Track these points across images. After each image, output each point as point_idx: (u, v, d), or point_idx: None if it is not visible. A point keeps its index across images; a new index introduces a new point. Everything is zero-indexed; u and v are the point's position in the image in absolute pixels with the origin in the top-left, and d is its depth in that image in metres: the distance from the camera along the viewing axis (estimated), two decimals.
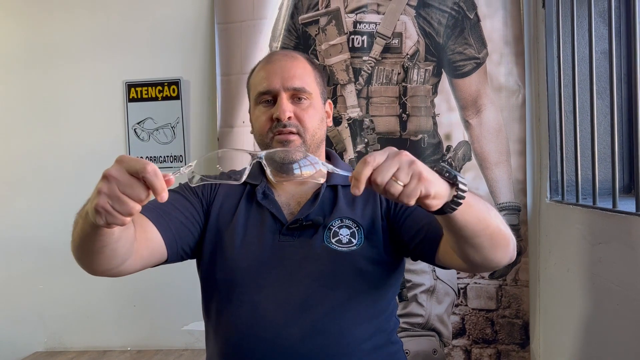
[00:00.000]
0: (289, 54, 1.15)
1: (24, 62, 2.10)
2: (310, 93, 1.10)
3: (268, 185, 1.14)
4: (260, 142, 1.12)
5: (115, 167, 0.74)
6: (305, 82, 1.09)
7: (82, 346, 2.06)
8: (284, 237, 1.06)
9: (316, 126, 1.10)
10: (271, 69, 1.10)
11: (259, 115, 1.10)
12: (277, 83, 1.07)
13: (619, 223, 1.21)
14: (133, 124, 2.04)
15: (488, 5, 1.84)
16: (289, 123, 1.07)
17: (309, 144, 1.09)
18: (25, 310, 2.09)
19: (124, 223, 0.74)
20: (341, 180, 1.12)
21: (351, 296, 1.03)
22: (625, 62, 1.61)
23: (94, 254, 0.92)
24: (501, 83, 1.84)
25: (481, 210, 0.83)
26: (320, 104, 1.13)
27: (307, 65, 1.13)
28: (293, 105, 1.08)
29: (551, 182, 1.73)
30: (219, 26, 1.95)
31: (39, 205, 2.10)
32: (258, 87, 1.10)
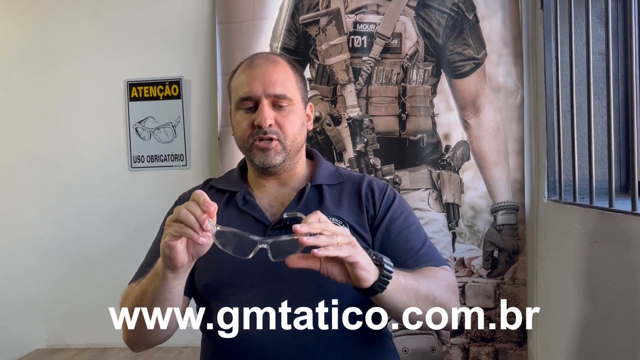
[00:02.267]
0: (270, 58, 1.14)
1: (25, 61, 2.11)
2: (292, 99, 1.10)
3: (248, 190, 1.15)
4: (241, 147, 1.14)
5: None
6: (286, 88, 1.10)
7: (83, 343, 2.07)
8: (269, 238, 1.07)
9: (296, 132, 1.11)
10: (252, 74, 1.10)
11: (240, 120, 1.11)
12: (259, 89, 1.08)
13: (615, 222, 1.22)
14: (134, 122, 2.05)
15: (487, 6, 1.85)
16: (270, 130, 1.08)
17: (289, 150, 1.10)
18: (26, 307, 2.10)
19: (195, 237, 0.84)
20: (325, 180, 1.15)
21: (340, 291, 1.04)
22: (623, 64, 1.63)
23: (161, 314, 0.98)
24: (500, 83, 1.85)
25: (409, 298, 0.95)
26: (301, 109, 1.14)
27: (289, 70, 1.13)
28: (274, 111, 1.09)
29: (549, 181, 1.75)
30: (220, 26, 1.96)
31: (41, 203, 2.11)
32: (239, 92, 1.10)
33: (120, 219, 2.06)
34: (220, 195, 1.17)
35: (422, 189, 1.89)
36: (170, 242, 0.87)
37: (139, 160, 2.05)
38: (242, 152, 1.16)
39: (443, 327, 1.04)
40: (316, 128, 1.91)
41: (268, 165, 1.09)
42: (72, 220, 2.09)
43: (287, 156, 1.10)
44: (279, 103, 1.09)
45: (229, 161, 1.94)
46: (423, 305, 0.97)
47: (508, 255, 1.86)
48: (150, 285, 0.95)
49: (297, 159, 1.15)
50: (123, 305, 1.07)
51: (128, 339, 1.07)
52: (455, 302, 1.06)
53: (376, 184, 1.17)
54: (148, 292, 0.96)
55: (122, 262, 2.06)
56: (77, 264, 2.08)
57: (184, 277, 0.95)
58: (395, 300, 0.92)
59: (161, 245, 0.88)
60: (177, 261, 0.88)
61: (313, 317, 1.03)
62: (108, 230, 2.07)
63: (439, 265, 1.09)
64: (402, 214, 1.14)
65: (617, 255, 1.21)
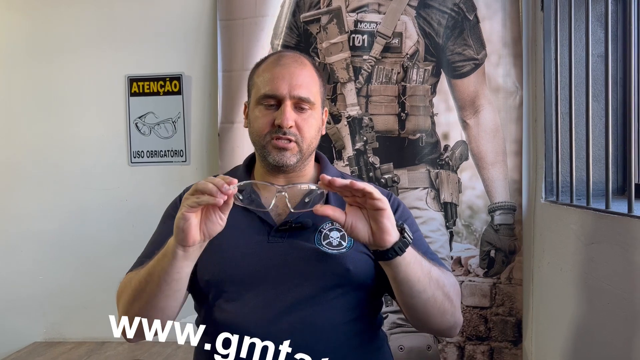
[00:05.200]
0: (298, 59, 1.14)
1: (26, 56, 2.11)
2: (314, 103, 1.11)
3: (254, 189, 1.13)
4: (255, 142, 1.14)
5: None
6: (310, 91, 1.10)
7: (81, 337, 2.08)
8: (273, 239, 1.08)
9: (313, 136, 1.12)
10: (279, 73, 1.09)
11: (259, 116, 1.10)
12: (284, 89, 1.07)
13: (612, 224, 1.23)
14: (134, 118, 2.06)
15: (487, 7, 1.86)
16: (289, 131, 1.08)
17: (304, 152, 1.11)
18: (24, 300, 2.11)
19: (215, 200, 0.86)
20: None
21: (340, 295, 1.05)
22: (621, 66, 1.63)
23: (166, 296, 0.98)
24: (499, 84, 1.86)
25: (423, 275, 0.96)
26: (320, 114, 1.15)
27: (314, 73, 1.14)
28: (295, 113, 1.09)
29: (546, 182, 1.76)
30: (221, 23, 1.96)
31: (40, 197, 2.11)
32: (263, 89, 1.09)
33: (120, 213, 2.07)
34: None
35: (420, 188, 1.90)
36: (186, 213, 0.88)
37: (139, 156, 2.06)
38: (254, 147, 1.16)
39: (445, 326, 1.04)
40: None
41: (282, 164, 1.09)
42: (71, 215, 2.09)
43: (301, 158, 1.11)
44: (301, 105, 1.09)
45: (229, 157, 1.95)
46: (434, 288, 0.98)
47: (505, 255, 1.87)
48: (159, 266, 0.95)
49: (308, 161, 1.17)
50: (123, 291, 1.06)
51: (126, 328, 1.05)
52: (459, 305, 1.06)
53: (380, 191, 1.16)
54: (155, 274, 0.96)
55: (120, 256, 2.06)
56: (76, 258, 2.09)
57: (193, 259, 0.95)
58: (410, 272, 0.93)
59: (176, 217, 0.89)
60: (189, 236, 0.89)
61: (312, 318, 1.03)
62: (107, 224, 2.08)
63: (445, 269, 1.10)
64: (407, 220, 1.15)
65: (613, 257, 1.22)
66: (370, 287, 1.09)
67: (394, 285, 0.98)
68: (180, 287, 0.98)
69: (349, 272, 1.05)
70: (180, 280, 0.96)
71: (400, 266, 0.92)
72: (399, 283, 0.96)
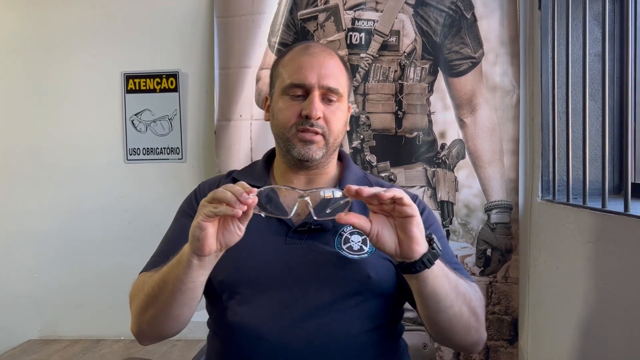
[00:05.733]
0: (327, 50, 1.09)
1: (22, 52, 2.10)
2: (342, 95, 1.06)
3: (272, 188, 1.09)
4: (279, 134, 1.07)
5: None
6: (339, 83, 1.05)
7: (76, 335, 2.07)
8: (291, 240, 1.02)
9: (339, 130, 1.07)
10: (308, 62, 1.04)
11: (284, 107, 1.05)
12: (313, 78, 1.02)
13: (608, 223, 1.23)
14: (131, 115, 2.05)
15: (485, 5, 1.86)
16: (317, 123, 1.02)
17: (330, 147, 1.06)
18: (19, 298, 2.10)
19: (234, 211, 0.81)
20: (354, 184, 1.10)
21: (359, 302, 1.00)
22: (618, 65, 1.64)
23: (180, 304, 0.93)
24: (496, 83, 1.86)
25: (450, 289, 0.90)
26: (346, 107, 1.10)
27: (342, 65, 1.09)
28: (323, 104, 1.03)
29: (543, 181, 1.76)
30: (218, 20, 1.96)
31: (35, 195, 2.10)
32: (291, 78, 1.04)
33: (115, 211, 2.06)
34: None
35: (417, 187, 1.89)
36: (203, 223, 0.83)
37: (135, 153, 2.05)
38: (276, 141, 1.10)
39: (469, 342, 0.99)
40: None
41: (307, 158, 1.04)
42: (66, 212, 2.08)
43: (326, 153, 1.06)
44: (329, 97, 1.04)
45: (225, 155, 1.95)
46: (460, 303, 0.92)
47: (501, 253, 1.87)
48: (172, 273, 0.90)
49: (332, 157, 1.11)
50: (136, 294, 1.01)
51: (138, 330, 1.01)
52: (483, 321, 1.00)
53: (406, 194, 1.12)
54: (169, 281, 0.91)
55: (116, 254, 2.07)
56: (71, 255, 2.08)
57: (209, 268, 0.90)
58: (437, 286, 0.87)
59: (192, 226, 0.84)
60: (205, 246, 0.84)
61: (330, 325, 0.97)
62: (103, 222, 2.07)
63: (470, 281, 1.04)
64: (432, 226, 1.09)
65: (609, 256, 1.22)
66: (391, 296, 1.04)
67: (418, 299, 0.91)
68: (195, 296, 0.93)
69: (369, 279, 0.99)
70: (195, 289, 0.91)
71: (428, 280, 0.86)
72: (424, 297, 0.89)
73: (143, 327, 0.99)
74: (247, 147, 1.94)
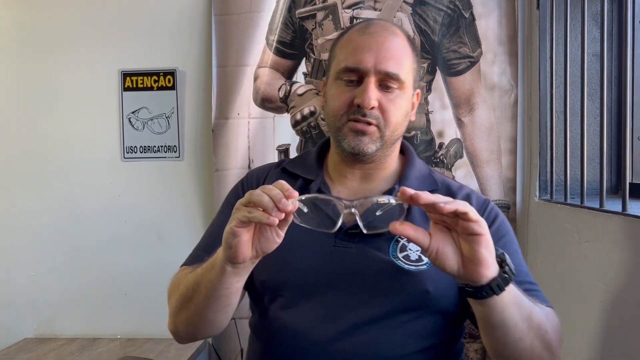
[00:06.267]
0: (389, 28, 0.95)
1: (18, 49, 2.09)
2: (403, 82, 0.93)
3: (325, 181, 1.00)
4: (330, 123, 0.98)
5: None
6: (401, 67, 0.92)
7: (72, 333, 2.07)
8: (340, 242, 0.92)
9: (399, 120, 0.95)
10: (365, 43, 0.92)
11: (336, 93, 0.94)
12: (369, 62, 0.90)
13: (606, 222, 1.24)
14: (128, 113, 2.04)
15: (483, 4, 1.86)
16: (370, 113, 0.91)
17: (386, 139, 0.94)
18: (15, 296, 2.09)
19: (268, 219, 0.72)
20: (416, 184, 0.98)
21: (414, 319, 0.89)
22: (616, 65, 1.64)
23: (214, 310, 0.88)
24: (494, 82, 1.86)
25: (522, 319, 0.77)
26: (410, 95, 0.97)
27: (407, 46, 0.95)
28: (380, 92, 0.92)
29: (540, 181, 1.76)
30: (216, 17, 1.95)
31: (32, 193, 2.09)
32: (345, 61, 0.93)
33: (112, 209, 2.05)
34: (292, 181, 1.00)
35: None
36: (236, 229, 0.74)
37: (132, 151, 2.04)
38: (329, 130, 1.00)
39: None
40: (310, 123, 1.91)
41: (358, 151, 0.93)
42: (63, 210, 2.07)
43: (382, 146, 0.95)
44: (388, 83, 0.92)
45: (223, 153, 1.94)
46: (533, 336, 0.79)
47: None
48: (206, 277, 0.84)
49: (391, 151, 0.99)
50: (173, 292, 0.95)
51: (174, 329, 0.96)
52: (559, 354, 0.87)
53: (476, 198, 0.99)
54: (203, 285, 0.85)
55: (113, 252, 2.06)
56: (68, 253, 2.07)
57: (245, 274, 0.82)
58: (506, 316, 0.75)
59: (225, 231, 0.76)
60: (239, 253, 0.76)
61: (378, 342, 0.88)
62: (99, 220, 2.06)
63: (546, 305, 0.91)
64: (504, 237, 0.96)
65: (607, 255, 1.22)
66: (452, 313, 0.92)
67: (482, 327, 0.80)
68: (231, 302, 0.87)
69: (427, 295, 0.88)
70: (229, 295, 0.84)
71: (495, 308, 0.74)
72: (490, 327, 0.78)
73: (178, 328, 0.95)
74: (244, 146, 1.94)
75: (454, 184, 1.03)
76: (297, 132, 1.92)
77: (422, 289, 0.88)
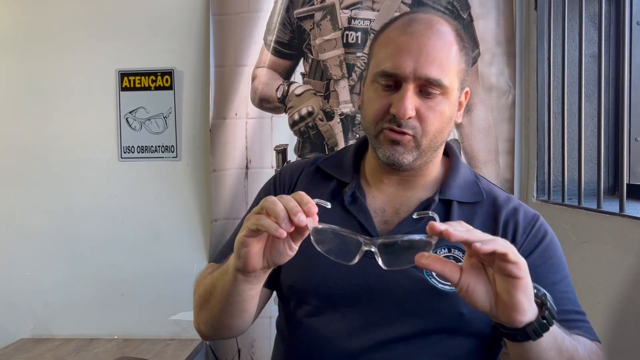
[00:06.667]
0: (434, 26, 0.85)
1: (15, 49, 2.08)
2: (447, 87, 0.83)
3: (360, 185, 0.93)
4: (366, 129, 0.90)
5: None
6: (444, 71, 0.83)
7: (69, 334, 2.06)
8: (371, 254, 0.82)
9: (440, 128, 0.85)
10: (405, 45, 0.83)
11: (373, 97, 0.87)
12: (408, 66, 0.81)
13: (603, 223, 1.24)
14: (125, 113, 2.03)
15: (481, 5, 1.86)
16: (406, 124, 0.83)
17: (423, 149, 0.86)
18: (12, 296, 2.08)
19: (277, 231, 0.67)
20: (459, 194, 0.91)
21: (445, 340, 0.84)
22: (614, 66, 1.64)
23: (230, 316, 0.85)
24: (492, 83, 1.86)
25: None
26: (456, 98, 0.88)
27: (454, 45, 0.85)
28: (419, 99, 0.83)
29: (538, 182, 1.76)
30: (214, 17, 1.95)
31: (28, 193, 2.09)
32: (383, 64, 0.84)
33: (109, 209, 2.04)
34: (326, 182, 0.95)
35: None
36: (246, 239, 0.70)
37: (129, 151, 2.04)
38: (367, 134, 0.92)
39: None
40: (308, 123, 1.91)
41: (393, 161, 0.86)
42: (60, 210, 2.07)
43: (419, 156, 0.86)
44: (429, 89, 0.83)
45: (220, 154, 1.94)
46: None
47: None
48: (220, 282, 0.81)
49: (432, 157, 0.90)
50: (196, 290, 0.92)
51: (197, 327, 0.94)
52: None
53: (523, 213, 0.91)
54: (217, 289, 0.82)
55: (110, 252, 2.05)
56: (64, 253, 2.07)
57: (258, 283, 0.78)
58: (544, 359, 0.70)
59: (236, 239, 0.73)
60: (248, 264, 0.72)
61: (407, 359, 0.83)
62: (96, 220, 2.05)
63: (592, 339, 0.84)
64: (550, 260, 0.88)
65: (604, 256, 1.22)
66: (486, 335, 0.86)
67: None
68: (246, 308, 0.83)
69: (461, 317, 0.82)
70: (243, 302, 0.81)
71: (531, 351, 0.69)
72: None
73: (200, 327, 0.93)
74: (242, 146, 1.93)
75: (501, 195, 0.93)
76: (295, 133, 1.92)
77: (456, 310, 0.82)
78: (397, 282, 0.83)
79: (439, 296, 0.82)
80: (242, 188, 1.94)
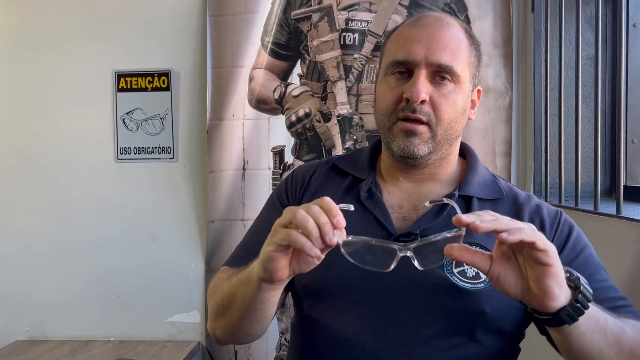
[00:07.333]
0: (443, 20, 0.86)
1: (12, 49, 2.07)
2: (459, 75, 0.83)
3: (376, 181, 0.92)
4: (379, 124, 0.89)
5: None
6: (455, 59, 0.83)
7: (65, 336, 2.05)
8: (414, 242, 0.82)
9: (454, 118, 0.85)
10: (416, 35, 0.84)
11: (385, 90, 0.86)
12: (420, 53, 0.82)
13: (600, 225, 1.24)
14: (122, 114, 2.03)
15: (478, 7, 1.86)
16: (421, 109, 0.82)
17: (439, 140, 0.85)
18: (7, 298, 2.07)
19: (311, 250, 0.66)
20: (478, 191, 0.89)
21: (466, 341, 0.82)
22: (610, 69, 1.65)
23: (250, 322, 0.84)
24: (489, 85, 1.86)
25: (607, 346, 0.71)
26: (468, 91, 0.87)
27: (464, 37, 0.86)
28: (432, 85, 0.83)
29: (535, 183, 1.76)
30: (211, 18, 1.94)
31: (24, 193, 2.08)
32: (394, 54, 0.85)
33: (105, 211, 2.04)
34: (341, 179, 0.95)
35: None
36: (275, 254, 0.69)
37: (126, 152, 2.03)
38: (380, 132, 0.91)
39: None
40: (305, 124, 1.91)
41: (408, 154, 0.84)
42: (56, 211, 2.06)
43: (435, 148, 0.85)
44: (442, 75, 0.83)
45: (217, 155, 1.93)
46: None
47: None
48: (242, 290, 0.80)
49: (447, 152, 0.89)
50: (211, 295, 0.91)
51: (213, 333, 0.93)
52: None
53: (547, 210, 0.90)
54: (238, 297, 0.81)
55: (106, 254, 2.05)
56: (60, 255, 2.06)
57: (281, 287, 0.77)
58: (586, 342, 0.69)
59: (262, 252, 0.71)
60: (275, 277, 0.71)
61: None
62: (92, 221, 2.05)
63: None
64: (583, 252, 0.87)
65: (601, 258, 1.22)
66: (510, 334, 0.86)
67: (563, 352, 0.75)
68: (267, 314, 0.82)
69: (484, 316, 0.80)
70: (264, 309, 0.80)
71: (572, 335, 0.68)
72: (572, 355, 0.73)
73: (216, 333, 0.92)
74: (239, 147, 1.93)
75: (521, 194, 0.92)
76: (292, 134, 1.92)
77: (478, 309, 0.80)
78: (416, 281, 0.81)
79: (461, 295, 0.81)
80: (239, 189, 1.93)
